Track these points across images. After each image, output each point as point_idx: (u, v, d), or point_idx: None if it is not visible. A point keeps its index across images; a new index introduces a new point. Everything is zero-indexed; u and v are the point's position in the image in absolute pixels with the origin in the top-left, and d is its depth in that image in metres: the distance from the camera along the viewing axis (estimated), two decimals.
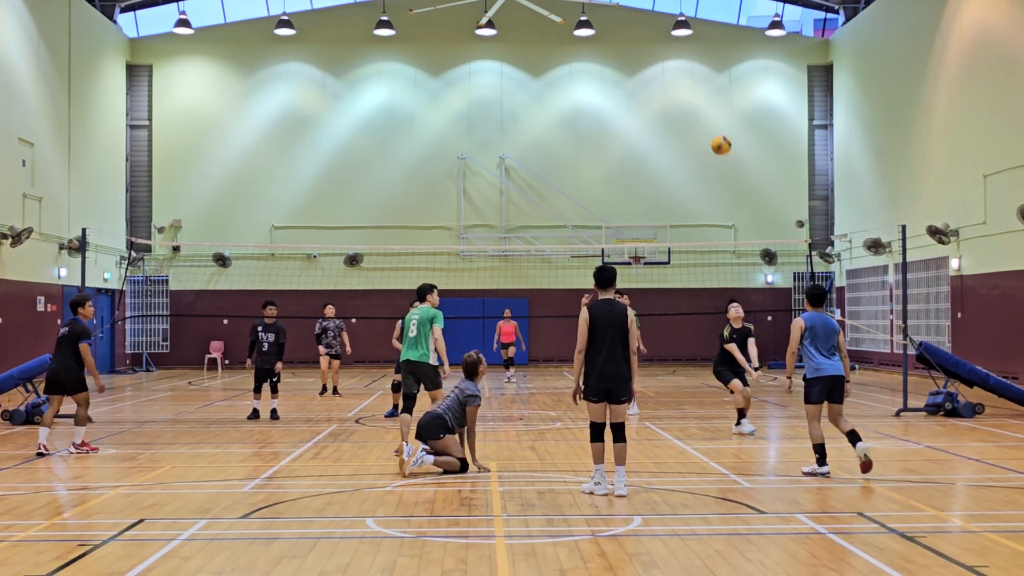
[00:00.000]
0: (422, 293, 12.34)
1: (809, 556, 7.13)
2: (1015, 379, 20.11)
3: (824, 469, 10.33)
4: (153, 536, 7.85)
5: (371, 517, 8.49)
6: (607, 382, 9.30)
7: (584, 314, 9.38)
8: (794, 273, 32.71)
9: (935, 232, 24.60)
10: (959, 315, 24.33)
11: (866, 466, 10.17)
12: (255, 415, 16.19)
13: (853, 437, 10.34)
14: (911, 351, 17.71)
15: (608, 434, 9.41)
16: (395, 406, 16.15)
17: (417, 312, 12.18)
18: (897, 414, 16.57)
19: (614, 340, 9.31)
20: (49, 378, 12.50)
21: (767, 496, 9.41)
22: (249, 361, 16.71)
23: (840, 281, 31.97)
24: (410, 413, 11.63)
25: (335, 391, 20.21)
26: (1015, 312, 21.85)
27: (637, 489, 9.60)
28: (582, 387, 9.45)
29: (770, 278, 32.64)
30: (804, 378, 10.51)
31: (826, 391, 10.36)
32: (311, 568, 6.86)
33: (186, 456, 12.25)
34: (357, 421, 15.98)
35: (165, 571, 6.80)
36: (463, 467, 10.66)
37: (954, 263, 24.59)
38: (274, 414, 16.24)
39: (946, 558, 7.01)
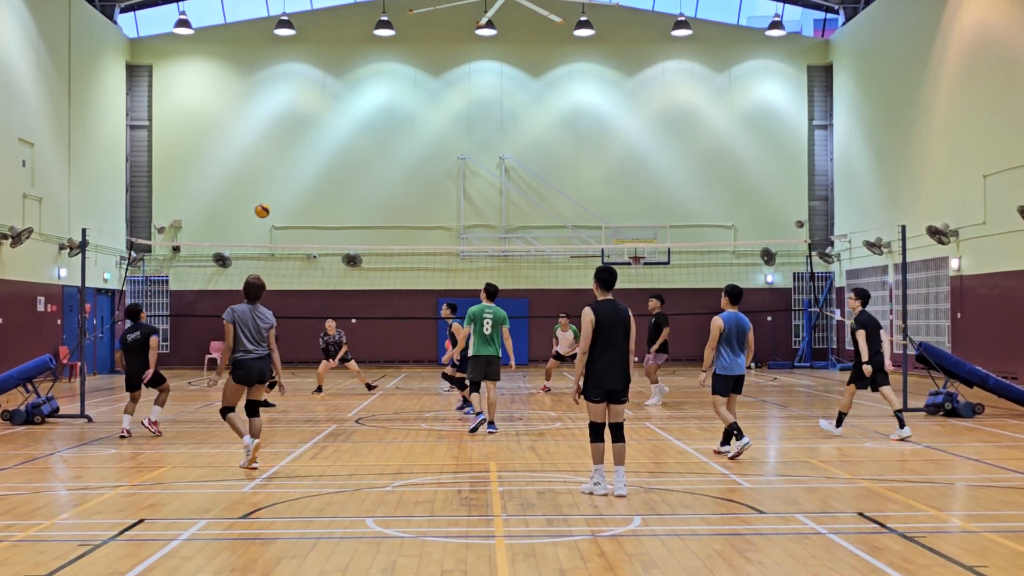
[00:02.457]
0: (493, 292, 14.20)
1: (809, 556, 7.13)
2: (1015, 379, 20.10)
3: (745, 440, 11.38)
4: (153, 536, 7.85)
5: (371, 517, 8.49)
6: (611, 383, 9.28)
7: (589, 315, 9.26)
8: (794, 273, 32.71)
9: (935, 232, 24.59)
10: (959, 315, 24.33)
11: (733, 456, 11.45)
12: None
13: (737, 431, 11.45)
14: (911, 351, 17.70)
15: (608, 434, 9.41)
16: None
17: (491, 311, 13.85)
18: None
19: (619, 340, 9.29)
20: (129, 379, 14.29)
21: (767, 496, 9.40)
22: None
23: (840, 281, 31.96)
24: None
25: (368, 387, 21.89)
26: (1015, 312, 21.84)
27: (637, 489, 9.60)
28: (580, 387, 9.43)
29: (770, 278, 32.63)
30: (714, 372, 11.55)
31: (730, 386, 11.68)
32: (311, 568, 6.87)
33: (186, 456, 12.26)
34: (357, 421, 15.98)
35: (165, 571, 6.80)
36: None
37: (954, 263, 24.58)
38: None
39: (946, 558, 7.02)
